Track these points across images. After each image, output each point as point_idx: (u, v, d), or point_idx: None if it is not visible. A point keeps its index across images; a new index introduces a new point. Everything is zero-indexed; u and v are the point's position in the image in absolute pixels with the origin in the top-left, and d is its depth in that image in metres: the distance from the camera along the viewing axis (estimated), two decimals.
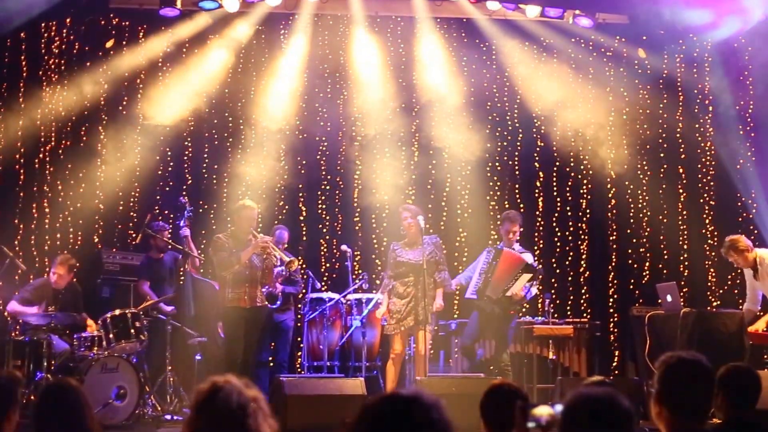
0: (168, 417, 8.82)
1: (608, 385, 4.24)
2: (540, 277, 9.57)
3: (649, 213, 11.89)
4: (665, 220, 11.86)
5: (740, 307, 9.64)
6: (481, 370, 9.59)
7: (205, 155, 11.47)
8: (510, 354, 9.59)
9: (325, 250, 11.52)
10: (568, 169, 11.92)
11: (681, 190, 11.95)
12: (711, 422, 4.15)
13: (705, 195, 11.94)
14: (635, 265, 11.85)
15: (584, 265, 11.89)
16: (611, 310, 11.76)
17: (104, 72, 11.07)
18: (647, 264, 11.84)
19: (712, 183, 11.94)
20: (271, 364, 10.34)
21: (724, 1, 10.73)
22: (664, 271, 11.66)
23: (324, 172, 11.68)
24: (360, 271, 10.70)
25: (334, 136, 11.67)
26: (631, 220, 11.90)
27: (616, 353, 11.58)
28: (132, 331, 8.95)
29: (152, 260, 10.13)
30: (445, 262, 9.37)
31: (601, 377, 4.72)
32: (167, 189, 11.25)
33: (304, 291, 10.44)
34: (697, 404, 3.53)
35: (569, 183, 11.95)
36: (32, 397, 7.67)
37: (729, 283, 11.42)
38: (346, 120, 11.68)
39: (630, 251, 11.87)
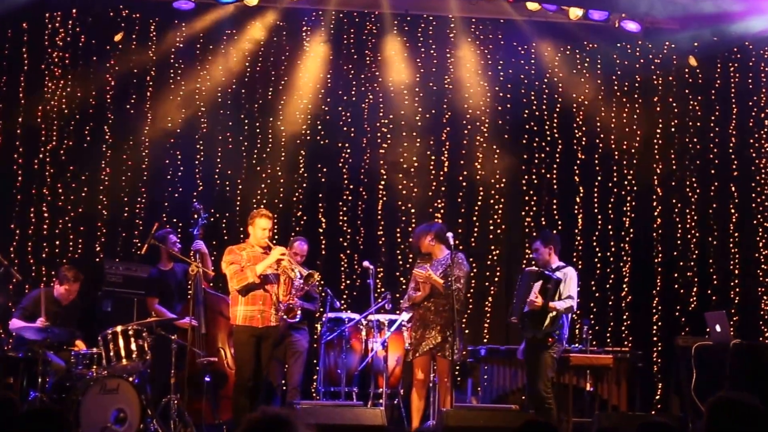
0: None
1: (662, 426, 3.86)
2: (557, 283, 8.75)
3: (697, 234, 11.59)
4: (715, 243, 11.57)
5: None
6: (514, 401, 9.24)
7: (219, 160, 11.19)
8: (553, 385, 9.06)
9: (345, 266, 11.23)
10: (610, 185, 11.66)
11: (733, 210, 11.64)
12: None
13: (759, 216, 11.62)
14: (681, 291, 11.50)
15: (626, 290, 11.55)
16: (655, 339, 11.42)
17: (112, 67, 10.95)
18: (694, 290, 11.50)
19: (767, 203, 11.63)
20: (284, 388, 9.92)
21: None
22: (713, 298, 11.37)
23: (346, 182, 11.41)
24: (383, 290, 10.35)
25: (358, 143, 11.41)
26: (678, 242, 11.56)
27: (659, 386, 11.25)
28: (134, 349, 8.54)
29: (162, 272, 9.71)
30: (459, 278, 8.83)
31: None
32: (176, 195, 10.98)
33: (321, 309, 10.13)
34: None
35: (612, 200, 11.67)
36: None
37: None
38: (371, 125, 11.44)
39: (676, 275, 11.53)
